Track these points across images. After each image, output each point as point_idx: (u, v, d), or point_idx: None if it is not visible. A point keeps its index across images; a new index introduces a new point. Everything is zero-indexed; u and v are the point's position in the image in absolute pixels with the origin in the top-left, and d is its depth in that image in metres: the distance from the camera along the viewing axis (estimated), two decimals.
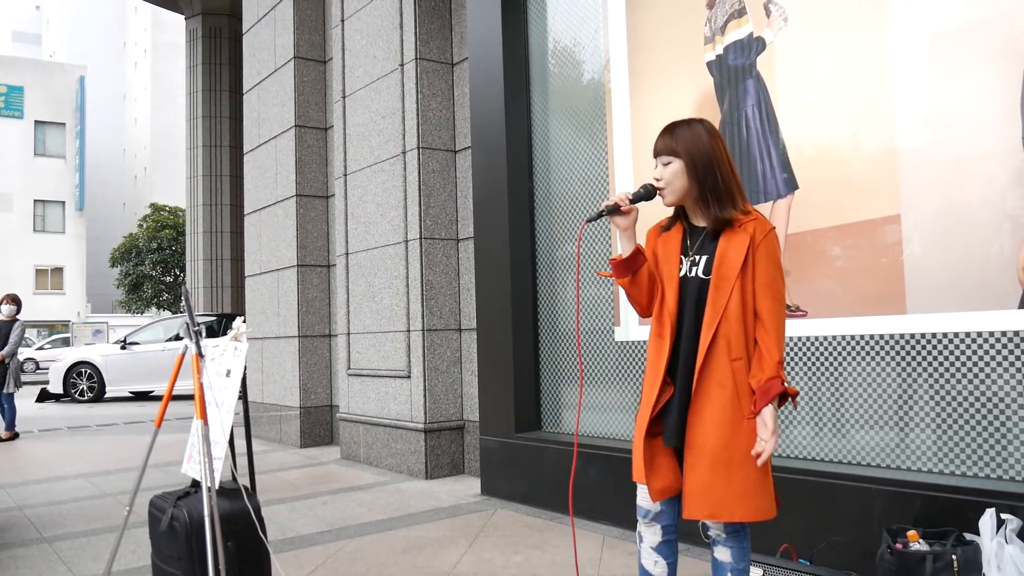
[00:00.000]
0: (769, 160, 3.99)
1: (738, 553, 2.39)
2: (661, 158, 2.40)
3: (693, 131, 2.37)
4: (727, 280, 2.28)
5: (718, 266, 2.30)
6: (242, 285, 13.44)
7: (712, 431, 2.26)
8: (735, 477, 2.25)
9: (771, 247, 2.31)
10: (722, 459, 2.25)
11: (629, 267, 2.41)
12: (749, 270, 2.28)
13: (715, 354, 2.28)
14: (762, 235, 2.29)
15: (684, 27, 4.43)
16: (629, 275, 2.42)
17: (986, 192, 3.22)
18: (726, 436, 2.25)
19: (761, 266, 2.28)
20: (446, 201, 6.50)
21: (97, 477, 6.83)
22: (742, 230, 2.30)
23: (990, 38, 3.22)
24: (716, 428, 2.26)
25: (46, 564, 4.20)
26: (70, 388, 15.24)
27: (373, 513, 5.14)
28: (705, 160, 2.33)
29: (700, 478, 2.27)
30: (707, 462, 2.26)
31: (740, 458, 2.25)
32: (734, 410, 2.26)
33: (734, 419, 2.26)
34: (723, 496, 2.25)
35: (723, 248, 2.31)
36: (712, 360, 2.28)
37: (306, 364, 8.38)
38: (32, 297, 40.52)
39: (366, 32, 7.09)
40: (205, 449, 2.88)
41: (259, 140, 9.28)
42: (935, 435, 3.37)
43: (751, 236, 2.29)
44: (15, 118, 43.55)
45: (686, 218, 2.45)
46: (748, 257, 2.28)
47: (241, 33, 10.35)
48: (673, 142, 2.37)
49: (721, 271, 2.29)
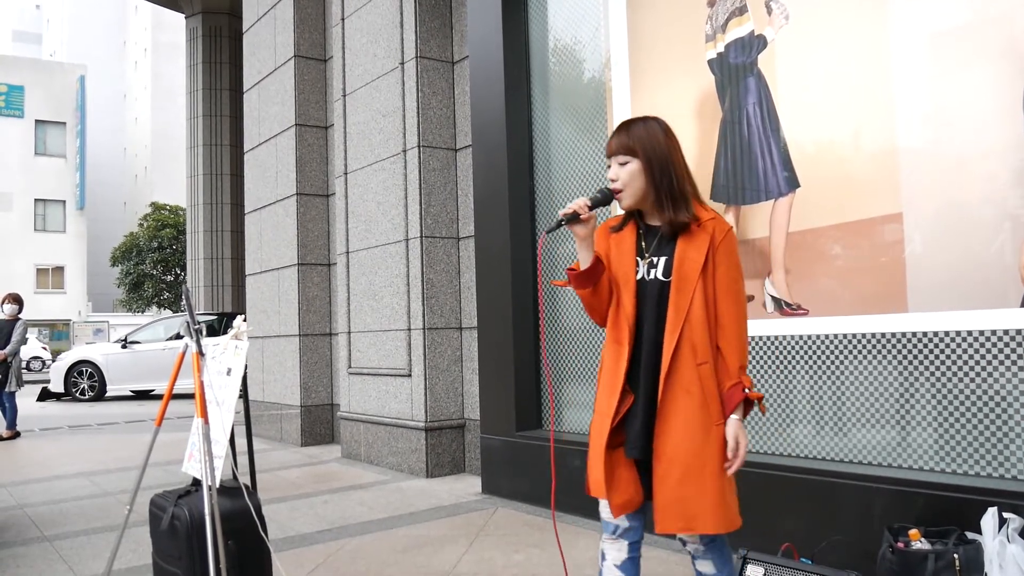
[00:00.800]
0: (770, 158, 3.98)
1: (720, 560, 2.33)
2: (617, 158, 2.29)
3: (649, 129, 2.28)
4: (689, 281, 2.20)
5: (679, 267, 2.22)
6: (243, 284, 13.44)
7: (682, 440, 2.17)
8: (708, 487, 2.16)
9: (731, 247, 2.24)
10: (694, 468, 2.16)
11: (590, 278, 2.30)
12: (710, 271, 2.21)
13: (680, 359, 2.19)
14: (721, 235, 2.22)
15: (685, 25, 4.42)
16: (590, 286, 2.31)
17: (987, 191, 3.21)
18: (697, 444, 2.16)
19: (722, 267, 2.21)
20: (447, 200, 6.49)
21: (98, 476, 6.83)
22: (701, 230, 2.23)
23: (991, 37, 3.21)
24: (686, 436, 2.17)
25: (47, 563, 4.20)
26: (71, 387, 15.24)
27: (374, 512, 5.13)
28: (661, 160, 2.25)
29: (672, 490, 2.17)
30: (679, 473, 2.17)
31: (712, 467, 2.17)
32: (703, 416, 2.17)
33: (704, 426, 2.17)
34: (697, 507, 2.16)
35: (683, 249, 2.23)
36: (677, 365, 2.19)
37: (307, 363, 8.38)
38: (33, 296, 40.53)
39: (366, 30, 7.08)
40: (206, 448, 2.88)
41: (259, 139, 9.27)
42: (937, 434, 3.36)
43: (711, 236, 2.21)
44: (15, 117, 43.54)
45: (640, 217, 2.36)
46: (708, 258, 2.20)
47: (241, 32, 10.34)
48: (629, 140, 2.27)
49: (682, 272, 2.21)
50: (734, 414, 2.18)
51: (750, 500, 3.78)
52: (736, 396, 2.17)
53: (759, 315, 4.02)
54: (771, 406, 3.99)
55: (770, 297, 3.98)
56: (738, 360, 2.19)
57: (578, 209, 2.23)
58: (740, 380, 2.18)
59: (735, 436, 2.17)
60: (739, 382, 2.17)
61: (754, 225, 4.06)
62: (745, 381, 2.19)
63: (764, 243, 4.00)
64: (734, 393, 2.17)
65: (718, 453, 2.17)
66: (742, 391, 2.16)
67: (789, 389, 3.92)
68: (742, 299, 2.24)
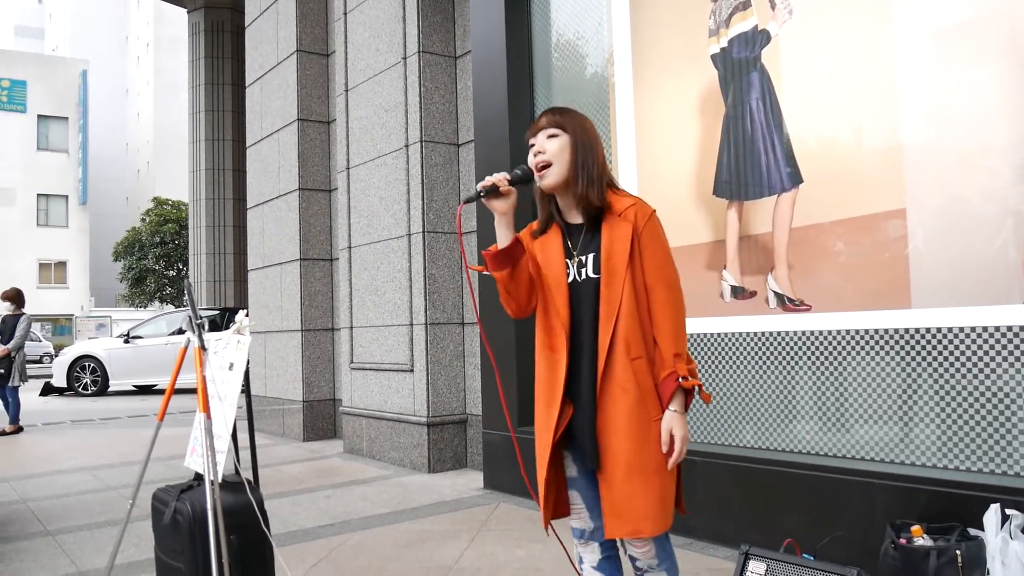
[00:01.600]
0: (773, 154, 3.97)
1: (670, 566, 2.23)
2: (546, 131, 2.21)
3: (578, 115, 2.26)
4: (617, 275, 2.12)
5: (606, 261, 2.13)
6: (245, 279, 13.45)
7: (622, 439, 2.09)
8: (652, 486, 2.09)
9: (656, 230, 2.16)
10: (636, 468, 2.08)
11: (508, 258, 2.18)
12: (637, 259, 2.12)
13: (615, 356, 2.10)
14: (644, 220, 2.15)
15: (688, 20, 4.41)
16: (508, 267, 2.18)
17: (991, 187, 3.20)
18: (637, 443, 2.08)
19: (648, 252, 2.13)
20: (449, 195, 6.49)
21: (100, 470, 6.84)
22: (622, 219, 2.15)
23: (995, 33, 3.20)
24: (625, 435, 2.09)
25: (49, 557, 4.21)
26: (73, 382, 15.26)
27: (376, 507, 5.14)
28: (587, 143, 2.20)
29: (618, 492, 2.10)
30: (622, 473, 2.09)
31: (654, 465, 2.09)
32: (640, 413, 2.09)
33: (641, 423, 2.09)
34: (643, 508, 2.09)
35: (607, 241, 2.14)
36: (612, 363, 2.10)
37: (309, 358, 8.39)
38: (36, 291, 40.59)
39: (369, 25, 7.07)
40: (208, 443, 2.88)
41: (261, 134, 9.26)
42: (939, 430, 3.36)
43: (633, 223, 2.14)
44: (18, 112, 43.55)
45: (560, 216, 2.28)
46: (634, 245, 2.12)
47: (243, 27, 10.33)
48: (560, 117, 2.22)
49: (610, 266, 2.13)
50: (671, 406, 2.09)
51: (753, 495, 3.78)
52: (669, 386, 2.08)
53: (761, 311, 4.02)
54: (774, 402, 3.99)
55: (773, 293, 3.97)
56: (673, 348, 2.10)
57: (497, 182, 2.13)
58: (674, 369, 2.08)
59: (669, 429, 2.08)
60: (672, 371, 2.08)
61: (757, 221, 4.05)
62: (679, 370, 2.08)
63: (767, 239, 3.99)
64: (667, 384, 2.08)
65: (660, 450, 2.09)
66: (675, 380, 2.07)
67: (791, 385, 3.92)
68: (674, 283, 2.16)
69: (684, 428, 2.09)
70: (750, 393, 4.10)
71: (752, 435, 4.10)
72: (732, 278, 4.17)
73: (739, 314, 4.12)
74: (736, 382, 4.17)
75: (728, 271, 4.19)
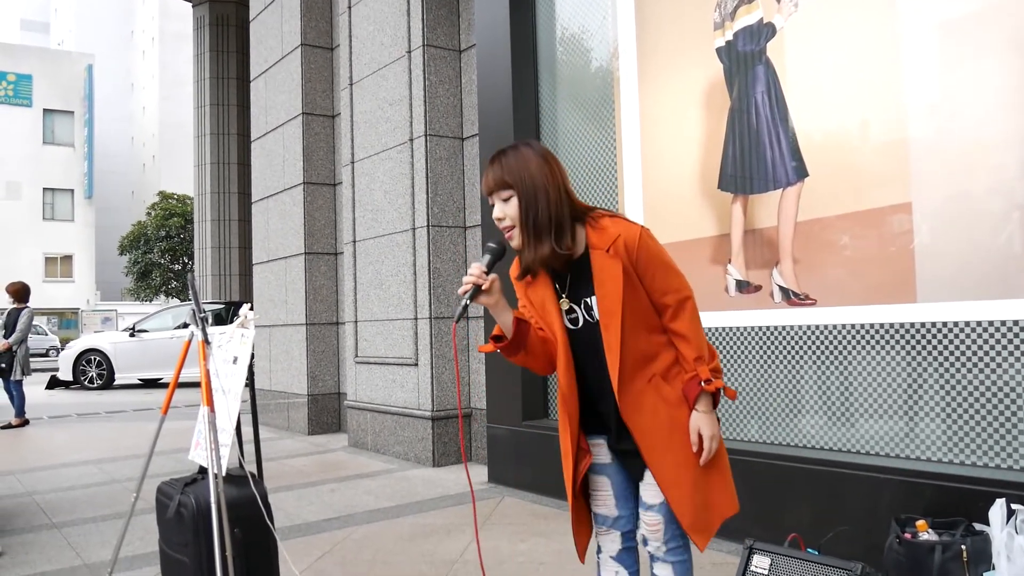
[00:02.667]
0: (779, 147, 3.96)
1: (681, 569, 2.23)
2: (499, 194, 2.10)
3: (520, 157, 2.10)
4: (614, 316, 2.08)
5: (600, 304, 2.09)
6: (250, 273, 13.46)
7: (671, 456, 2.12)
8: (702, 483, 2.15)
9: (650, 251, 2.09)
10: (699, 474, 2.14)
11: (519, 346, 2.18)
12: (635, 285, 2.08)
13: (632, 388, 2.12)
14: (634, 247, 2.07)
15: (693, 13, 4.39)
16: (521, 353, 2.19)
17: (996, 181, 3.19)
18: (685, 452, 2.12)
19: (649, 276, 2.09)
20: (453, 189, 6.48)
21: (106, 463, 6.87)
22: (610, 255, 2.07)
23: (1000, 27, 3.18)
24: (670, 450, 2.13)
25: (55, 550, 4.22)
26: (79, 375, 15.31)
27: (380, 500, 5.15)
28: (529, 191, 2.06)
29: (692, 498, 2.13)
30: (689, 486, 2.12)
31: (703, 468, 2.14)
32: (678, 425, 2.12)
33: (683, 432, 2.12)
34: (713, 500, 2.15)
35: (599, 284, 2.09)
36: (631, 394, 2.11)
37: (313, 352, 8.40)
38: (41, 285, 40.69)
39: (373, 19, 7.06)
40: (212, 436, 2.88)
41: (266, 128, 9.26)
42: (944, 424, 3.35)
43: (622, 257, 2.07)
44: (24, 106, 43.62)
45: None
46: (629, 279, 2.08)
47: (248, 20, 10.32)
48: (503, 173, 2.09)
49: (604, 308, 2.09)
50: (697, 407, 2.11)
51: (757, 490, 3.78)
52: (693, 390, 2.10)
53: (766, 305, 4.01)
54: (779, 397, 3.98)
55: (778, 287, 3.96)
56: (694, 352, 2.11)
57: (476, 281, 2.08)
58: (696, 373, 2.10)
59: (696, 428, 2.10)
60: (695, 376, 2.10)
61: (762, 214, 4.04)
62: (702, 373, 2.09)
63: (772, 232, 3.98)
64: (691, 388, 2.10)
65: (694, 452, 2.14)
66: (698, 385, 2.09)
67: (796, 379, 3.91)
68: (683, 290, 2.12)
69: (712, 426, 2.11)
70: (755, 387, 4.09)
71: (757, 429, 4.10)
72: (737, 272, 4.16)
73: (744, 308, 4.11)
74: (741, 376, 4.16)
75: (733, 265, 4.18)
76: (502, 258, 2.14)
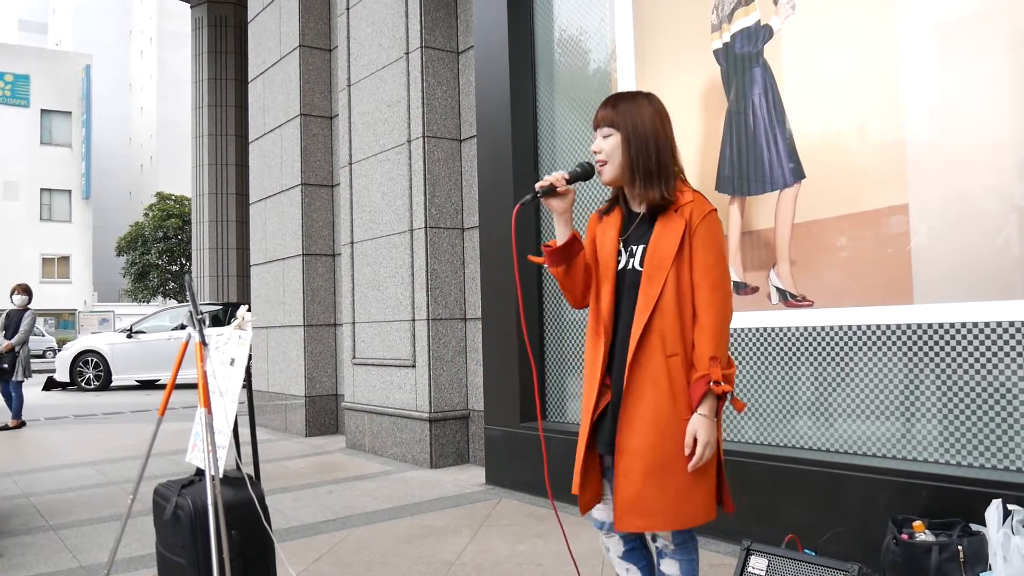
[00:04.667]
0: (776, 149, 3.96)
1: (688, 568, 2.23)
2: (602, 130, 2.22)
3: (636, 104, 2.20)
4: (660, 270, 2.11)
5: (651, 255, 2.13)
6: (248, 274, 13.46)
7: (645, 435, 2.09)
8: (669, 484, 2.08)
9: (710, 230, 2.12)
10: (656, 465, 2.08)
11: (564, 256, 2.23)
12: (686, 257, 2.11)
13: (648, 350, 2.10)
14: (700, 217, 2.12)
15: (691, 15, 4.39)
16: (564, 264, 2.24)
17: (993, 182, 3.19)
18: (660, 439, 2.08)
19: (699, 252, 2.10)
20: (451, 190, 6.48)
21: (103, 465, 6.86)
22: (678, 215, 2.13)
23: (998, 28, 3.19)
24: (650, 430, 2.08)
25: (52, 551, 4.22)
26: (76, 376, 15.29)
27: (378, 502, 5.14)
28: (641, 136, 2.16)
29: (632, 487, 2.10)
30: (641, 469, 2.09)
31: (677, 463, 2.07)
32: (670, 410, 2.08)
33: (670, 420, 2.08)
34: (655, 505, 2.08)
35: (657, 235, 2.14)
36: (644, 357, 2.10)
37: (311, 353, 8.39)
38: (39, 286, 40.59)
39: (371, 20, 7.06)
40: (209, 438, 2.88)
41: (264, 129, 9.26)
42: (941, 425, 3.35)
43: (687, 220, 2.11)
44: (21, 106, 43.56)
45: (625, 203, 2.29)
46: (684, 243, 2.10)
47: (246, 21, 10.32)
48: (614, 113, 2.20)
49: (654, 260, 2.12)
50: (700, 409, 2.06)
51: (754, 491, 3.78)
52: (700, 389, 2.05)
53: (763, 306, 4.01)
54: (776, 398, 3.98)
55: (775, 288, 3.97)
56: (710, 350, 2.06)
57: (555, 182, 2.17)
58: (707, 372, 2.05)
59: (693, 432, 2.06)
60: (705, 375, 2.05)
61: (759, 216, 4.04)
62: (714, 374, 2.05)
63: (769, 234, 3.98)
64: (698, 386, 2.05)
65: (681, 449, 2.08)
66: (706, 384, 2.04)
67: (794, 381, 3.91)
68: (721, 285, 2.12)
69: (709, 433, 2.06)
70: (752, 389, 4.10)
71: (754, 431, 4.10)
72: (734, 274, 4.16)
73: (741, 310, 4.11)
74: (738, 378, 4.16)
75: (730, 267, 4.18)
76: (587, 179, 2.25)
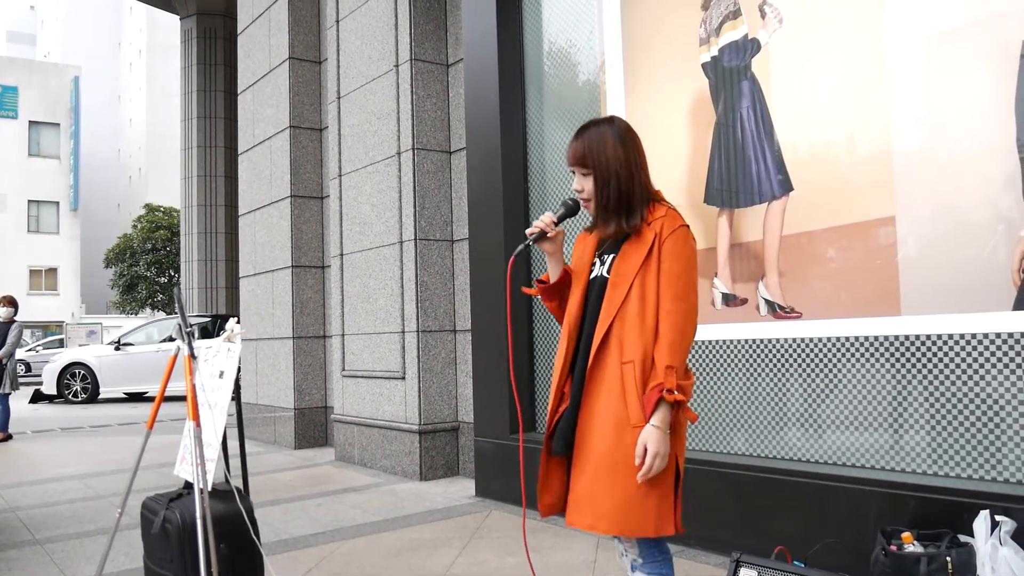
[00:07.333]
0: (764, 162, 3.99)
1: (653, 570, 2.21)
2: (578, 169, 2.28)
3: (600, 136, 2.25)
4: (625, 277, 2.17)
5: (618, 263, 2.21)
6: (237, 286, 13.42)
7: (596, 437, 2.15)
8: (617, 487, 2.09)
9: (679, 241, 2.17)
10: (604, 467, 2.12)
11: (558, 291, 2.39)
12: (652, 267, 2.15)
13: (606, 355, 2.16)
14: (669, 231, 2.17)
15: (679, 28, 4.43)
16: (557, 299, 2.40)
17: (981, 194, 3.22)
18: (609, 444, 2.12)
19: (666, 262, 2.15)
20: (441, 202, 6.49)
21: (90, 478, 6.81)
22: (649, 228, 2.19)
23: (985, 39, 3.22)
24: (600, 434, 2.14)
25: (39, 566, 4.18)
26: (64, 389, 15.19)
27: (367, 515, 5.12)
28: (604, 172, 2.22)
29: (583, 485, 2.16)
30: (590, 469, 2.14)
31: (624, 468, 2.09)
32: (619, 416, 2.11)
33: (618, 425, 2.11)
34: (603, 507, 2.11)
35: (627, 247, 2.22)
36: (603, 361, 2.17)
37: (300, 365, 8.36)
38: (26, 298, 40.33)
39: (361, 33, 7.08)
40: (198, 451, 2.87)
41: (254, 141, 9.26)
42: (929, 436, 3.37)
43: (657, 232, 2.17)
44: (9, 118, 43.40)
45: None
46: (652, 253, 2.16)
47: (236, 34, 10.33)
48: (583, 150, 2.25)
49: (620, 268, 2.19)
50: (653, 419, 2.05)
51: (744, 503, 3.79)
52: (652, 398, 2.06)
53: (752, 318, 4.02)
54: (765, 409, 3.99)
55: (763, 300, 3.98)
56: (667, 359, 2.08)
57: (544, 227, 2.29)
58: (662, 382, 2.06)
59: (644, 442, 2.06)
60: (659, 384, 2.06)
61: (748, 228, 4.06)
62: (668, 383, 2.05)
63: (758, 246, 4.00)
64: (651, 395, 2.06)
65: (631, 456, 2.08)
66: (659, 392, 2.05)
67: (782, 392, 3.92)
68: (685, 296, 2.15)
69: (660, 444, 2.05)
70: (741, 400, 4.11)
71: (743, 442, 4.11)
72: (723, 285, 4.18)
73: (730, 321, 4.13)
74: (727, 390, 4.17)
75: (719, 278, 4.20)
76: (574, 215, 2.34)
